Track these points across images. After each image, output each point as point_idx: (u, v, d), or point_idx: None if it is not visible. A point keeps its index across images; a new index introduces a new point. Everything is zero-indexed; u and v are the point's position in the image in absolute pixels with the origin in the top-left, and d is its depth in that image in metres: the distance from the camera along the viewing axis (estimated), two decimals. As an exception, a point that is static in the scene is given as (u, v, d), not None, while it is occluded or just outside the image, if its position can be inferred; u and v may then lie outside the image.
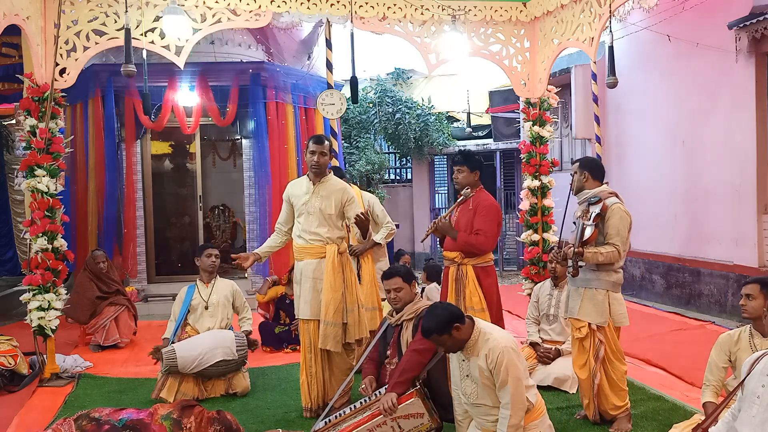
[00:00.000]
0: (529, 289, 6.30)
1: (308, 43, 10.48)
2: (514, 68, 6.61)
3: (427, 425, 3.55)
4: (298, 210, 4.54)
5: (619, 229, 4.01)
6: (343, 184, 4.59)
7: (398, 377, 3.78)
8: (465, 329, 3.39)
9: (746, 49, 6.98)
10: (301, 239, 4.53)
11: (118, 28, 5.50)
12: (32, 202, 5.34)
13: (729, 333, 3.72)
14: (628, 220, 4.06)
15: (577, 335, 4.19)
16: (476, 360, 3.39)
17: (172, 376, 4.90)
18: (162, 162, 10.04)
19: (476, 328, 3.43)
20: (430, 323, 3.39)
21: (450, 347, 3.43)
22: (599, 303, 4.09)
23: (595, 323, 4.11)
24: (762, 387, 2.58)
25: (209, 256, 5.29)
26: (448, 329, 3.35)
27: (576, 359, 4.24)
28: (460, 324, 3.37)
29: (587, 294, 4.13)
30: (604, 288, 4.09)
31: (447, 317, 3.37)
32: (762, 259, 7.11)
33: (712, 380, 3.69)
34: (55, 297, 5.37)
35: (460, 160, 4.66)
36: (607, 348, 4.12)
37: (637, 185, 9.06)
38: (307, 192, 4.51)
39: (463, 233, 4.59)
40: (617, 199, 4.13)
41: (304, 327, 4.57)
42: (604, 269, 4.08)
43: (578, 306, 4.16)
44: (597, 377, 4.13)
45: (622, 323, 4.16)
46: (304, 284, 4.51)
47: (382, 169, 12.49)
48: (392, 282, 4.19)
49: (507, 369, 3.29)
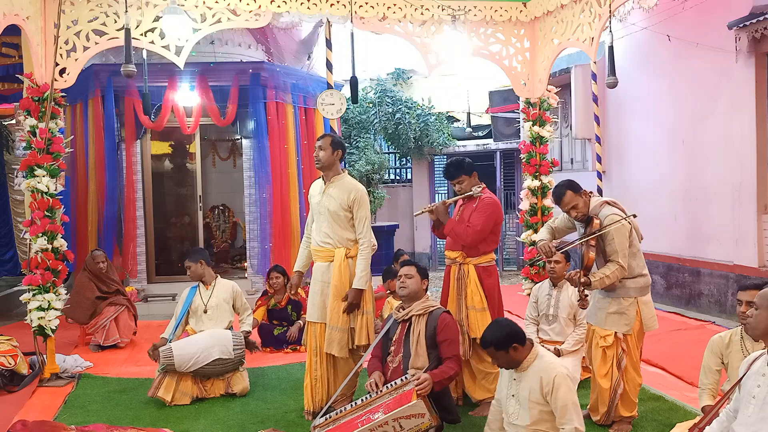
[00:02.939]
0: (528, 289, 6.30)
1: (308, 43, 10.48)
2: (514, 68, 6.61)
3: (427, 424, 3.56)
4: (314, 210, 4.55)
5: (618, 243, 3.95)
6: (355, 185, 4.48)
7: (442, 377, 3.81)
8: (523, 351, 3.44)
9: (746, 49, 6.98)
10: (314, 241, 4.53)
11: (118, 28, 5.50)
12: (32, 202, 5.34)
13: (720, 335, 3.72)
14: (624, 231, 3.97)
15: (603, 344, 4.13)
16: (528, 381, 3.41)
17: (170, 375, 4.90)
18: (162, 162, 10.05)
19: (533, 352, 3.47)
20: (492, 336, 3.46)
21: (503, 363, 3.49)
22: (625, 310, 4.05)
23: (621, 332, 4.08)
24: (758, 387, 2.59)
25: (188, 268, 5.27)
26: (507, 346, 3.41)
27: (599, 368, 4.16)
28: (518, 345, 3.42)
29: (614, 303, 4.08)
30: (632, 295, 4.06)
31: (509, 334, 3.42)
32: (762, 259, 7.11)
33: (708, 383, 3.69)
34: (55, 297, 5.37)
35: (455, 173, 4.63)
36: (628, 358, 4.10)
37: (637, 185, 9.06)
38: (320, 191, 4.51)
39: (452, 220, 4.61)
40: (612, 208, 4.05)
41: (310, 330, 4.55)
42: (629, 278, 4.04)
43: (605, 315, 4.12)
44: (620, 387, 4.10)
45: (652, 327, 4.13)
46: (314, 287, 4.51)
47: (382, 169, 12.46)
48: (407, 269, 4.16)
49: (566, 393, 3.31)
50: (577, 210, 4.10)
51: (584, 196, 4.11)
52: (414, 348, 4.00)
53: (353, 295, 4.35)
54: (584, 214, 4.09)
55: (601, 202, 4.15)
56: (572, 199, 4.09)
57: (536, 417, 3.38)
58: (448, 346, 3.96)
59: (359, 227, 4.44)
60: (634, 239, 4.10)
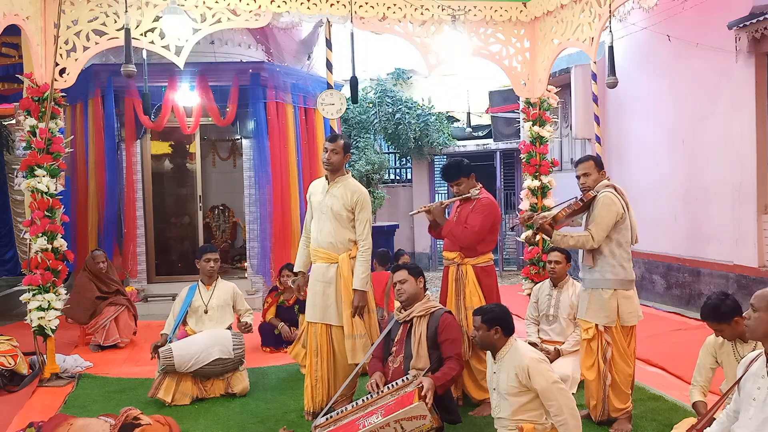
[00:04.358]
0: (528, 289, 6.30)
1: (308, 43, 10.48)
2: (514, 68, 6.61)
3: (428, 425, 3.56)
4: (315, 209, 4.52)
5: (601, 217, 4.01)
6: (358, 187, 4.49)
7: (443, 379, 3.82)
8: (502, 339, 3.53)
9: (746, 49, 6.98)
10: (315, 241, 4.51)
11: (118, 28, 5.50)
12: (32, 202, 5.34)
13: (714, 335, 3.74)
14: (614, 208, 4.01)
15: (585, 336, 4.19)
16: (505, 372, 3.47)
17: (170, 376, 4.90)
18: (162, 162, 10.05)
19: (509, 342, 3.54)
20: (486, 309, 3.62)
21: (481, 338, 3.57)
22: (605, 303, 4.07)
23: (601, 324, 4.10)
24: (757, 389, 2.59)
25: (208, 261, 5.26)
26: (491, 325, 3.50)
27: (584, 360, 4.22)
28: (501, 331, 3.51)
29: (594, 294, 4.13)
30: (611, 287, 4.08)
31: (500, 317, 3.53)
32: (762, 259, 7.11)
33: (700, 381, 3.75)
34: (55, 297, 5.37)
35: (454, 174, 4.64)
36: (614, 350, 4.10)
37: (637, 185, 9.05)
38: (323, 191, 4.50)
39: (450, 222, 4.62)
40: (611, 190, 4.10)
41: (311, 330, 4.53)
42: (607, 267, 4.07)
43: (586, 307, 4.16)
44: (608, 379, 4.11)
45: (629, 322, 4.12)
46: (314, 287, 4.48)
47: (382, 169, 12.47)
48: (398, 274, 4.18)
49: (543, 377, 3.34)
50: (587, 179, 4.20)
51: (601, 175, 4.22)
52: (415, 349, 4.00)
53: (358, 298, 4.35)
54: (590, 187, 4.17)
55: (608, 184, 4.19)
56: (590, 169, 4.21)
57: (516, 407, 3.42)
58: (450, 345, 3.97)
59: (360, 228, 4.44)
60: (624, 228, 4.09)
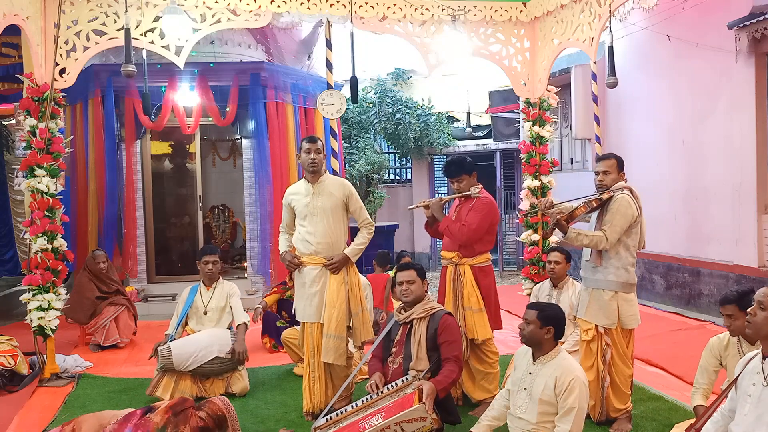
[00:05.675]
0: (528, 289, 6.29)
1: (308, 43, 10.48)
2: (514, 68, 6.61)
3: (429, 427, 3.56)
4: (301, 213, 4.50)
5: (617, 219, 4.02)
6: (342, 180, 4.61)
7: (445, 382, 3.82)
8: (551, 342, 3.46)
9: (746, 49, 6.98)
10: (306, 243, 4.49)
11: (118, 28, 5.50)
12: (32, 202, 5.34)
13: (719, 337, 3.73)
14: (630, 211, 4.04)
15: (584, 337, 4.18)
16: (544, 378, 3.40)
17: (169, 374, 4.90)
18: (162, 162, 10.05)
19: (557, 349, 3.49)
20: (545, 306, 3.53)
21: (528, 333, 3.47)
22: (605, 304, 4.07)
23: (601, 325, 4.09)
24: (753, 386, 2.60)
25: (206, 263, 5.24)
26: (546, 324, 3.42)
27: (583, 361, 4.19)
28: (554, 332, 3.44)
29: (594, 294, 4.12)
30: (612, 289, 4.07)
31: (557, 317, 3.47)
32: (762, 259, 7.11)
33: (703, 383, 3.72)
34: (55, 297, 5.37)
35: (457, 171, 4.63)
36: (614, 351, 4.10)
37: (637, 185, 8.83)
38: (308, 194, 4.49)
39: (448, 218, 4.63)
40: (628, 193, 4.13)
41: (307, 330, 4.53)
42: (611, 269, 4.06)
43: (586, 307, 4.15)
44: (606, 380, 4.11)
45: (630, 326, 4.12)
46: (309, 288, 4.48)
47: (382, 169, 12.46)
48: (406, 274, 4.13)
49: (577, 398, 3.30)
50: (606, 177, 4.20)
51: (620, 176, 4.23)
52: (415, 351, 4.00)
53: (341, 259, 4.44)
54: (607, 186, 4.18)
55: (625, 186, 4.21)
56: (611, 168, 4.21)
57: (543, 415, 3.38)
58: (449, 346, 3.96)
59: (359, 215, 4.59)
60: (635, 232, 4.12)
